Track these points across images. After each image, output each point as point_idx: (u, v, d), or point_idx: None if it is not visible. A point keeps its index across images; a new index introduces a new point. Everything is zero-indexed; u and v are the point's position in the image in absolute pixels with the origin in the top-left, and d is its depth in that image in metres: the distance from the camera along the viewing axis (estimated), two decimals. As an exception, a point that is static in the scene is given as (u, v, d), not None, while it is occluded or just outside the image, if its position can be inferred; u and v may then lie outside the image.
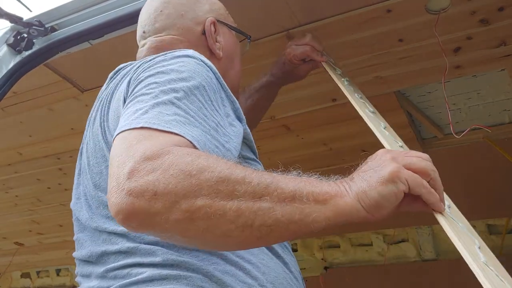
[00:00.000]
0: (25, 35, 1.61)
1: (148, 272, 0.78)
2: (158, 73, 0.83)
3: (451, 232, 0.71)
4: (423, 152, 0.79)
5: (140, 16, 1.17)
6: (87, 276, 0.89)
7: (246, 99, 1.46)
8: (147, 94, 0.78)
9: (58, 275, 4.13)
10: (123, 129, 0.72)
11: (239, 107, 0.91)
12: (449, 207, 0.81)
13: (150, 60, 0.90)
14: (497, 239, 2.56)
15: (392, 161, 0.72)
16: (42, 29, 1.59)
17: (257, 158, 1.00)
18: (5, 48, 1.61)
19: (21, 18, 1.58)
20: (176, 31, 1.09)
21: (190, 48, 1.03)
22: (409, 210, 0.75)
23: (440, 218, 0.74)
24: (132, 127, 0.71)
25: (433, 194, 0.72)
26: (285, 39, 1.68)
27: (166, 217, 0.63)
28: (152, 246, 0.80)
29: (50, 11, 1.60)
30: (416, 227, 2.78)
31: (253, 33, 1.65)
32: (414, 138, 2.19)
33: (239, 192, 0.65)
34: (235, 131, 0.86)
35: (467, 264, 0.66)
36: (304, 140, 2.27)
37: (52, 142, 2.43)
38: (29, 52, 1.60)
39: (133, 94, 0.81)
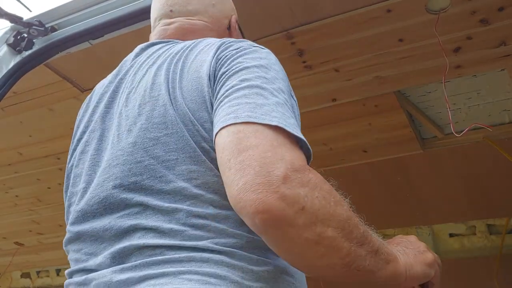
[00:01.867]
0: (25, 35, 1.61)
1: (186, 254, 0.73)
2: (261, 66, 0.82)
3: None
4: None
5: None
6: (94, 254, 0.81)
7: None
8: (263, 88, 0.77)
9: (58, 275, 4.14)
10: (254, 120, 0.71)
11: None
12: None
13: (237, 43, 0.87)
14: (497, 239, 2.56)
15: (429, 250, 0.86)
16: (42, 29, 1.59)
17: None
18: (5, 48, 1.60)
19: (21, 18, 1.58)
20: (208, 18, 1.08)
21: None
22: None
23: None
24: (265, 122, 0.71)
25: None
26: (285, 39, 1.69)
27: (300, 233, 0.66)
28: (202, 233, 0.75)
29: (50, 11, 1.60)
30: (416, 227, 2.78)
31: (253, 33, 1.66)
32: (414, 138, 2.18)
33: (354, 234, 0.70)
34: None
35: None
36: (304, 140, 2.27)
37: (52, 142, 2.44)
38: (29, 52, 1.60)
39: (243, 81, 0.78)
